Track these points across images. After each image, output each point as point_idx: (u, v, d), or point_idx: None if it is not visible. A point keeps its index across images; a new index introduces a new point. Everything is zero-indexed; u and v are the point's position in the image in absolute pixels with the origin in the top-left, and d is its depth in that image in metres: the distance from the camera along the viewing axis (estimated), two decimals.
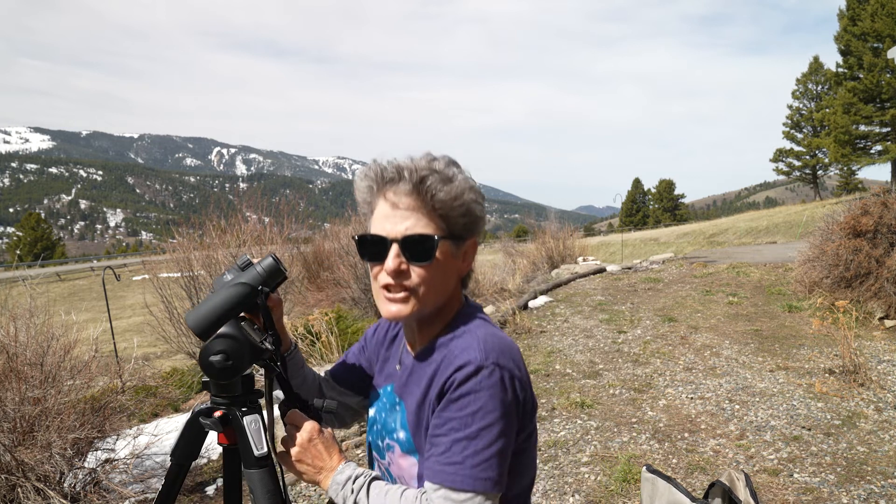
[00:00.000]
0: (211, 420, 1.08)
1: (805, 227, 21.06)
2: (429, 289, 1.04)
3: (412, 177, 1.00)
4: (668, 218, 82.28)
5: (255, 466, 1.06)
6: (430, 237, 1.01)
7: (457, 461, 0.94)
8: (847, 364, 4.80)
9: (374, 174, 1.05)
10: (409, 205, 1.01)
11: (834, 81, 38.14)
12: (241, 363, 1.04)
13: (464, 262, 1.09)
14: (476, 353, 0.98)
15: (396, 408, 1.12)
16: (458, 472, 0.94)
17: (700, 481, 3.29)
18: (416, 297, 1.03)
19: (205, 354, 1.03)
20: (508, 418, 0.98)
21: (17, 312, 3.38)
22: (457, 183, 1.03)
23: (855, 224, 6.98)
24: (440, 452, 0.97)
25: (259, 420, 1.08)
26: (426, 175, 1.01)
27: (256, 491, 1.05)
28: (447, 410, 0.97)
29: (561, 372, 5.35)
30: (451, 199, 1.02)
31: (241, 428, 1.06)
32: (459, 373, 0.97)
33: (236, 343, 1.03)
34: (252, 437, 1.06)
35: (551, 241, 13.94)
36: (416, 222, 1.01)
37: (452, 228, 1.04)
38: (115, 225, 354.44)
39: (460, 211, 1.04)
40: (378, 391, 1.23)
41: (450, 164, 1.06)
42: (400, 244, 1.01)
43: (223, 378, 1.05)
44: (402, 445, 1.10)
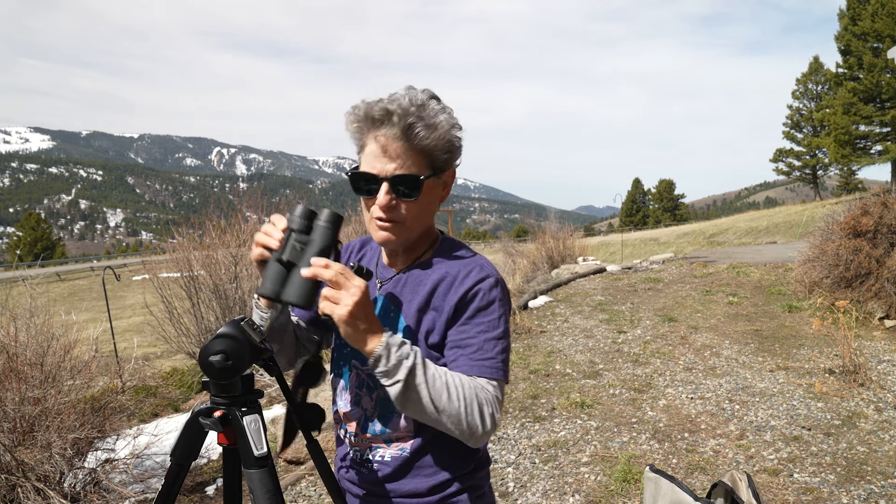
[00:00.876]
0: (211, 420, 1.08)
1: (805, 227, 21.06)
2: (415, 218, 1.15)
3: (400, 122, 1.08)
4: (668, 218, 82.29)
5: (254, 466, 1.06)
6: (416, 177, 1.11)
7: (490, 356, 1.11)
8: (847, 364, 4.80)
9: (363, 115, 1.11)
10: (396, 148, 1.09)
11: (834, 81, 38.14)
12: (241, 363, 1.04)
13: (444, 189, 1.20)
14: (490, 270, 1.16)
15: (391, 315, 1.19)
16: (493, 366, 1.11)
17: (700, 481, 3.29)
18: (404, 225, 1.14)
19: (204, 354, 1.03)
20: (509, 322, 1.18)
21: (17, 312, 3.38)
22: (441, 126, 1.11)
23: (855, 224, 6.98)
24: (474, 350, 1.11)
25: (259, 420, 1.08)
26: (413, 122, 1.08)
27: (256, 491, 1.05)
28: (477, 316, 1.12)
29: (561, 372, 5.35)
30: (436, 140, 1.11)
31: (241, 428, 1.06)
32: (484, 283, 1.13)
33: (236, 343, 1.04)
34: (252, 437, 1.06)
35: (551, 241, 13.93)
36: (404, 163, 1.10)
37: (435, 164, 1.14)
38: (115, 225, 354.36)
39: (444, 149, 1.13)
40: None
41: (434, 103, 1.12)
42: (389, 182, 1.10)
43: (223, 378, 1.05)
44: None
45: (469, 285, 1.13)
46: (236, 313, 7.23)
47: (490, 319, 1.13)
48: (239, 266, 7.57)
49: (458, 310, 1.13)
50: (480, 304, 1.13)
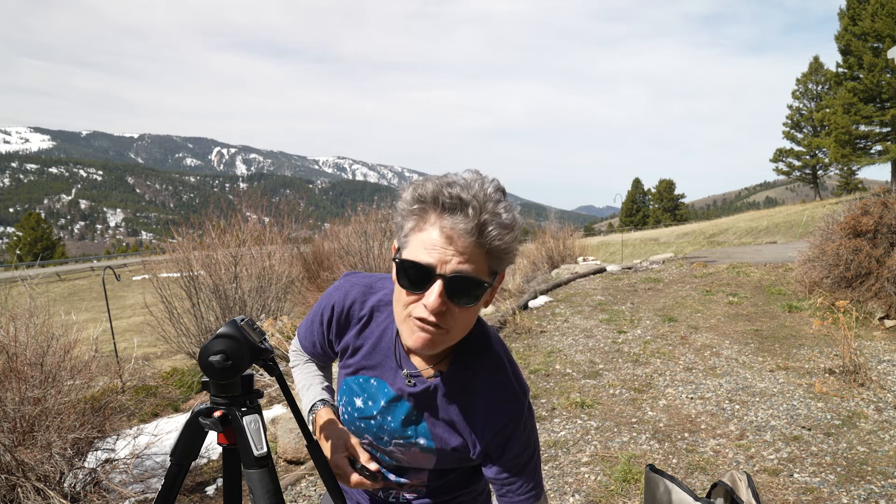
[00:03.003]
0: (210, 420, 1.08)
1: (805, 227, 21.06)
2: (463, 326, 1.03)
3: (476, 217, 0.95)
4: (668, 218, 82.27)
5: (254, 466, 1.06)
6: (481, 283, 0.98)
7: (534, 484, 1.14)
8: (847, 364, 4.80)
9: (429, 196, 0.97)
10: (465, 244, 0.95)
11: (834, 81, 38.14)
12: (241, 363, 1.04)
13: (491, 295, 1.07)
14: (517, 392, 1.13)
15: (413, 420, 1.16)
16: (537, 490, 1.14)
17: (700, 481, 3.29)
18: (448, 334, 1.02)
19: (204, 354, 1.04)
20: None
21: (17, 312, 3.38)
22: (514, 229, 0.99)
23: (855, 224, 6.97)
24: (521, 484, 1.13)
25: (259, 420, 1.08)
26: (488, 220, 0.96)
27: (256, 491, 1.05)
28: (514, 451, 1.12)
29: (561, 372, 5.35)
30: (507, 243, 0.98)
31: (241, 428, 1.06)
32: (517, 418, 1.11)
33: (235, 343, 1.03)
34: (252, 437, 1.06)
35: (551, 241, 13.93)
36: (469, 263, 0.96)
37: (496, 268, 1.02)
38: (115, 225, 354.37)
39: (511, 252, 1.01)
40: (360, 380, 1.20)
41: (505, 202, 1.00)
42: (446, 282, 0.96)
43: (223, 378, 1.06)
44: (422, 448, 1.17)
45: (503, 422, 1.11)
46: (236, 313, 7.23)
47: (528, 450, 1.13)
48: (239, 266, 7.57)
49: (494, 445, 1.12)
50: (519, 437, 1.12)
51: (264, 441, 1.07)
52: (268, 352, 1.08)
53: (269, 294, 7.81)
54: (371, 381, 1.18)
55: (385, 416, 1.17)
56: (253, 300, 7.51)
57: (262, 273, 7.77)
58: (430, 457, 1.17)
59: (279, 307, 8.01)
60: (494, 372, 1.12)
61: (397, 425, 1.16)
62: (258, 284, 7.66)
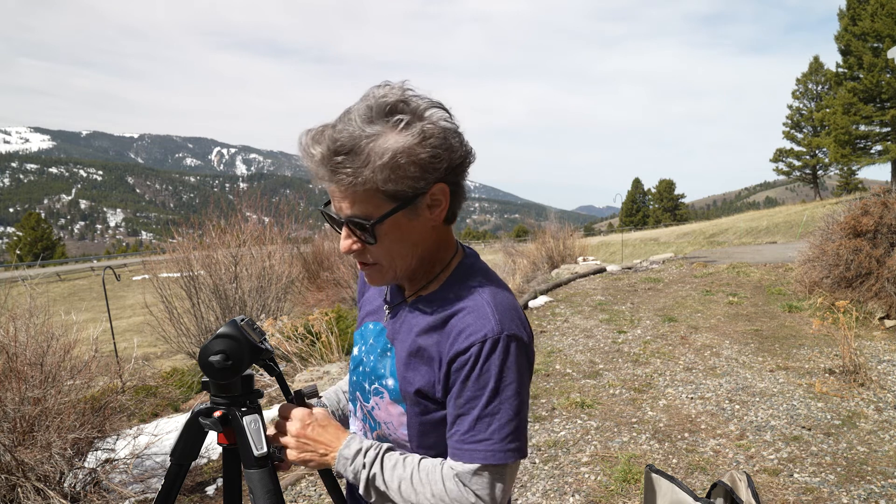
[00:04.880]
0: (210, 420, 1.08)
1: (805, 227, 21.06)
2: (393, 257, 1.00)
3: (319, 171, 0.93)
4: (668, 218, 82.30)
5: (254, 466, 1.06)
6: (362, 223, 0.95)
7: (484, 437, 0.95)
8: (847, 364, 4.80)
9: (301, 152, 0.96)
10: (335, 192, 0.96)
11: (834, 81, 38.16)
12: (241, 363, 1.04)
13: (432, 212, 0.99)
14: (492, 325, 0.95)
15: (388, 353, 1.08)
16: (488, 448, 0.95)
17: (700, 481, 3.29)
18: (381, 268, 1.02)
19: (204, 354, 1.04)
20: (524, 385, 0.99)
21: (17, 312, 3.38)
22: (381, 155, 0.90)
23: (855, 224, 6.98)
24: (465, 430, 0.96)
25: (259, 420, 1.08)
26: (334, 169, 0.91)
27: (256, 491, 1.05)
28: (467, 388, 0.96)
29: (561, 372, 5.35)
30: (376, 178, 0.91)
31: (241, 428, 1.06)
32: (475, 348, 0.94)
33: (235, 343, 1.04)
34: (252, 437, 1.06)
35: (551, 241, 13.93)
36: (354, 204, 0.95)
37: (398, 196, 0.94)
38: (115, 225, 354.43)
39: (398, 178, 0.92)
40: (362, 329, 1.19)
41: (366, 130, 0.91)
42: (346, 226, 0.98)
43: (223, 378, 1.06)
44: (391, 393, 1.07)
45: (463, 346, 0.95)
46: (236, 313, 7.23)
47: (484, 391, 0.95)
48: (239, 266, 7.58)
49: (450, 373, 0.98)
50: (472, 373, 0.95)
51: (264, 441, 1.07)
52: (268, 352, 1.08)
53: (269, 294, 7.81)
54: (369, 325, 1.17)
55: (369, 356, 1.13)
56: (253, 300, 7.51)
57: (262, 273, 7.77)
58: (400, 411, 1.06)
59: (279, 307, 8.02)
60: (470, 295, 1.01)
61: (375, 363, 1.11)
62: (258, 284, 7.66)
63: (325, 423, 1.07)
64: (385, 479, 1.00)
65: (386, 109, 0.92)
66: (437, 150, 0.93)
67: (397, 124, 0.91)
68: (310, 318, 6.00)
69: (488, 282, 1.04)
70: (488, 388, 0.94)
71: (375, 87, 0.96)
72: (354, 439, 1.05)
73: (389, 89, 0.94)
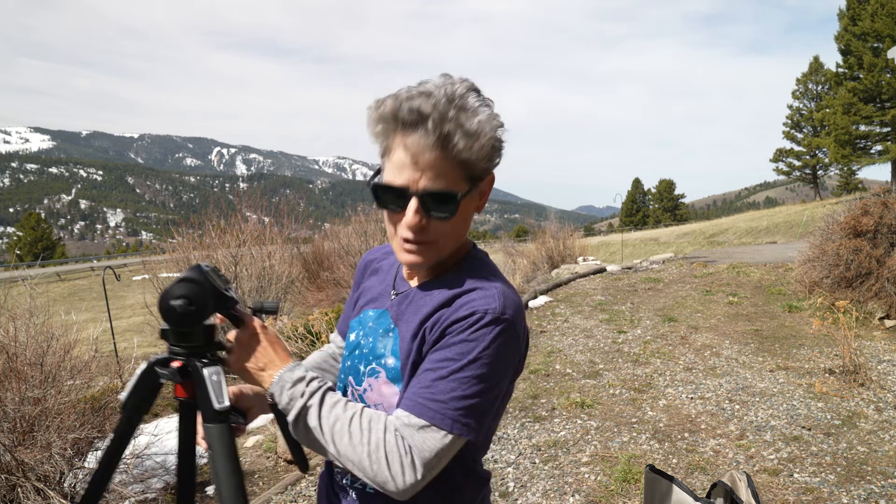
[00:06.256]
0: (168, 370, 1.01)
1: (805, 227, 21.07)
2: (448, 239, 1.01)
3: (436, 129, 0.91)
4: (668, 218, 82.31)
5: (214, 420, 0.98)
6: (452, 194, 0.96)
7: (441, 399, 0.92)
8: (847, 364, 4.80)
9: (389, 114, 0.94)
10: (430, 159, 0.93)
11: (834, 81, 38.16)
12: (204, 309, 0.98)
13: (481, 199, 1.05)
14: (496, 303, 0.96)
15: (390, 334, 1.07)
16: (441, 410, 0.92)
17: (700, 481, 3.29)
18: (435, 247, 1.01)
19: (165, 299, 0.96)
20: (502, 376, 0.97)
21: (17, 312, 3.38)
22: (485, 132, 0.94)
23: (855, 224, 6.98)
24: (426, 385, 0.94)
25: (221, 373, 1.01)
26: (452, 130, 0.92)
27: (215, 447, 0.97)
28: (450, 349, 0.94)
29: (561, 372, 5.35)
30: (479, 149, 0.94)
31: (201, 379, 0.99)
32: (474, 317, 0.95)
33: (199, 287, 0.97)
34: (213, 389, 0.98)
35: (551, 241, 13.94)
36: (438, 177, 0.94)
37: (474, 174, 0.98)
38: (115, 225, 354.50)
39: (486, 157, 0.97)
40: (360, 316, 1.17)
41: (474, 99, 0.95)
42: (420, 199, 0.95)
43: (184, 325, 0.98)
44: (389, 372, 1.05)
45: (463, 314, 0.96)
46: None
47: (463, 358, 0.93)
48: (239, 266, 7.58)
49: (442, 336, 0.97)
50: (460, 337, 0.94)
51: (226, 395, 0.99)
52: (233, 300, 1.03)
53: (270, 294, 7.81)
54: (369, 312, 1.16)
55: (367, 338, 1.12)
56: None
57: (262, 273, 7.77)
58: (394, 391, 1.04)
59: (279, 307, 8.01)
60: (481, 281, 1.02)
61: (374, 344, 1.09)
62: (258, 284, 7.66)
63: (275, 340, 1.03)
64: (321, 414, 0.95)
65: (473, 87, 0.96)
66: (503, 140, 0.99)
67: (487, 104, 0.96)
68: (310, 318, 6.00)
69: (498, 276, 1.06)
70: (467, 357, 0.93)
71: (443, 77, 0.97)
72: (300, 367, 1.00)
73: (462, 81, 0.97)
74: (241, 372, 1.02)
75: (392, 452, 0.90)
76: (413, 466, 0.90)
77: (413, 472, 0.90)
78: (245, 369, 1.01)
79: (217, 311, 1.02)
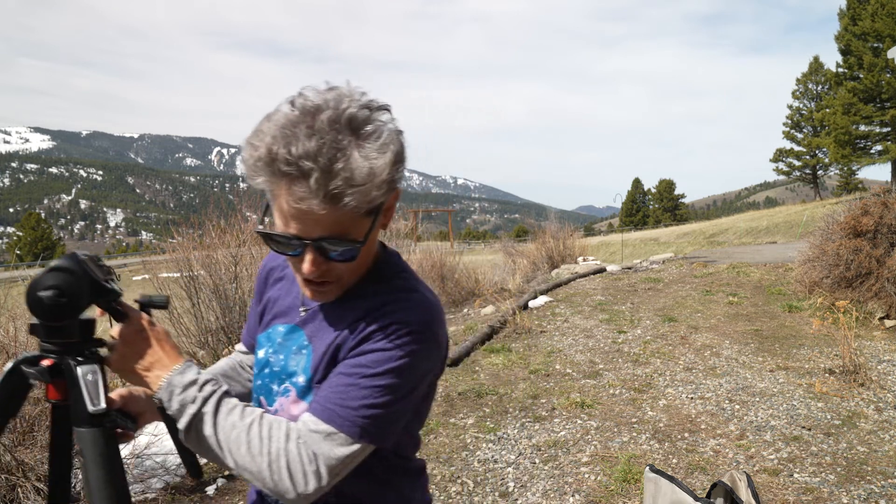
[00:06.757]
0: (37, 369, 0.90)
1: (805, 227, 21.08)
2: (354, 273, 0.95)
3: (320, 189, 0.81)
4: (668, 218, 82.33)
5: (86, 424, 0.89)
6: (351, 245, 0.88)
7: (351, 406, 0.88)
8: (847, 364, 4.80)
9: (265, 158, 0.82)
10: (320, 215, 0.83)
11: (834, 81, 38.19)
12: (78, 301, 0.89)
13: (386, 217, 0.95)
14: (415, 313, 0.93)
15: (303, 351, 1.01)
16: (349, 417, 0.88)
17: (700, 481, 3.29)
18: (340, 283, 0.95)
19: (33, 290, 0.86)
20: (419, 384, 0.95)
21: (17, 312, 3.38)
22: (380, 170, 0.83)
23: (855, 224, 6.98)
24: (337, 390, 0.90)
25: (98, 372, 0.92)
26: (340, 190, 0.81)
27: (87, 453, 0.89)
28: (366, 356, 0.90)
29: (561, 372, 5.35)
30: (376, 191, 0.85)
31: (74, 378, 0.90)
32: (392, 327, 0.90)
33: (72, 277, 0.87)
34: (87, 390, 0.90)
35: (551, 241, 13.94)
36: (333, 225, 0.85)
37: (373, 208, 0.88)
38: (115, 225, 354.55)
39: (385, 191, 0.87)
40: (268, 331, 1.10)
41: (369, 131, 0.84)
42: (316, 248, 0.88)
43: (54, 318, 0.89)
44: (299, 391, 0.99)
45: (382, 324, 0.91)
46: (236, 313, 7.23)
47: (378, 368, 0.89)
48: (239, 266, 7.58)
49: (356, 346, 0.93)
50: (379, 346, 0.90)
51: (102, 397, 0.91)
52: (115, 293, 0.95)
53: None
54: (279, 327, 1.08)
55: (278, 356, 1.05)
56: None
57: None
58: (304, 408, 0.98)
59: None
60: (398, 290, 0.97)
61: (286, 361, 1.03)
62: None
63: (163, 337, 0.96)
64: (216, 422, 0.88)
65: (362, 119, 0.85)
66: (403, 157, 0.89)
67: (378, 136, 0.85)
68: None
69: (415, 280, 1.01)
70: (382, 366, 0.89)
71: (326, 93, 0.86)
72: (192, 367, 0.93)
73: (349, 99, 0.86)
74: (124, 372, 0.94)
75: (294, 462, 0.86)
76: (318, 474, 0.87)
77: (317, 480, 0.86)
78: (129, 369, 0.93)
79: (96, 304, 0.94)
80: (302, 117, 0.83)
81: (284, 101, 0.88)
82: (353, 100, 0.85)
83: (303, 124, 0.82)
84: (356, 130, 0.84)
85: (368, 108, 0.86)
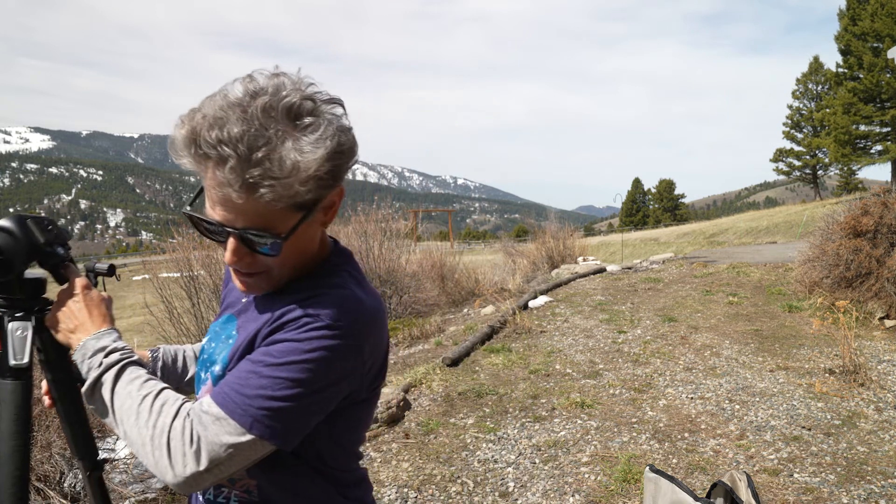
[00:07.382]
0: None
1: (805, 227, 21.07)
2: (284, 266, 0.91)
3: (237, 177, 0.78)
4: (668, 218, 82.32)
5: (6, 376, 0.94)
6: (273, 239, 0.84)
7: (248, 394, 0.84)
8: (847, 364, 4.80)
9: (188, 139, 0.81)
10: (241, 203, 0.81)
11: (834, 81, 38.17)
12: (13, 261, 0.93)
13: (327, 215, 0.92)
14: (338, 311, 0.87)
15: (230, 340, 0.99)
16: (243, 404, 0.83)
17: (700, 481, 3.29)
18: (268, 276, 0.91)
19: None
20: (330, 385, 0.88)
21: None
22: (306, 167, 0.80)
23: (855, 224, 6.98)
24: (238, 376, 0.86)
25: (29, 329, 0.96)
26: (257, 180, 0.78)
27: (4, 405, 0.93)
28: (274, 346, 0.86)
29: (561, 372, 5.35)
30: (300, 187, 0.81)
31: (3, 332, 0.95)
32: (304, 319, 0.86)
33: (11, 239, 0.92)
34: (13, 344, 0.94)
35: (551, 241, 13.94)
36: (256, 217, 0.83)
37: (305, 205, 0.85)
38: (115, 225, 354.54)
39: (313, 189, 0.83)
40: (217, 320, 1.11)
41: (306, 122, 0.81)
42: (238, 238, 0.85)
43: None
44: (214, 379, 0.98)
45: (294, 316, 0.87)
46: None
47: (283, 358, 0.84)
48: None
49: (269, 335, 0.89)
50: (289, 336, 0.86)
51: (27, 353, 0.95)
52: (60, 257, 0.99)
53: None
54: (223, 317, 1.10)
55: (211, 343, 1.05)
56: None
57: None
58: None
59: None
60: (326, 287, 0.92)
61: (214, 350, 1.02)
62: None
63: (95, 303, 0.99)
64: (115, 389, 0.88)
65: (303, 110, 0.82)
66: (346, 153, 0.86)
67: (315, 128, 0.82)
68: None
69: (353, 279, 0.97)
70: (287, 357, 0.84)
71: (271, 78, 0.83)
72: (109, 335, 0.94)
73: (292, 87, 0.82)
74: (56, 332, 0.98)
75: (176, 439, 0.82)
76: (196, 457, 0.81)
77: (195, 463, 0.81)
78: (58, 329, 0.97)
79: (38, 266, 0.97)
80: (240, 100, 0.80)
81: (233, 80, 0.85)
82: (296, 89, 0.82)
83: (238, 107, 0.79)
84: (293, 121, 0.81)
85: (312, 100, 0.83)
